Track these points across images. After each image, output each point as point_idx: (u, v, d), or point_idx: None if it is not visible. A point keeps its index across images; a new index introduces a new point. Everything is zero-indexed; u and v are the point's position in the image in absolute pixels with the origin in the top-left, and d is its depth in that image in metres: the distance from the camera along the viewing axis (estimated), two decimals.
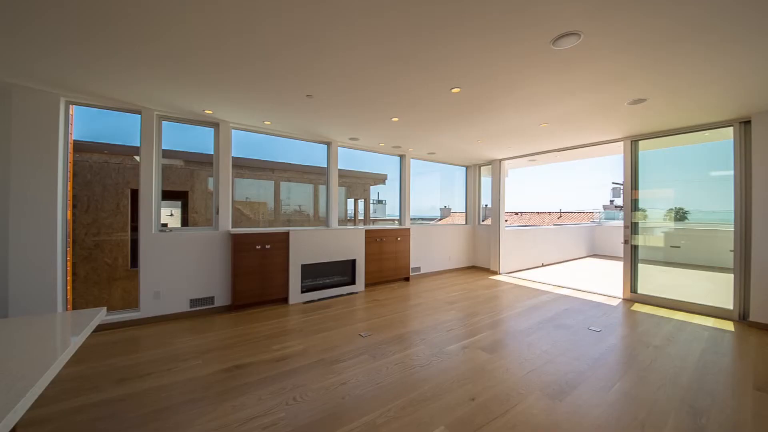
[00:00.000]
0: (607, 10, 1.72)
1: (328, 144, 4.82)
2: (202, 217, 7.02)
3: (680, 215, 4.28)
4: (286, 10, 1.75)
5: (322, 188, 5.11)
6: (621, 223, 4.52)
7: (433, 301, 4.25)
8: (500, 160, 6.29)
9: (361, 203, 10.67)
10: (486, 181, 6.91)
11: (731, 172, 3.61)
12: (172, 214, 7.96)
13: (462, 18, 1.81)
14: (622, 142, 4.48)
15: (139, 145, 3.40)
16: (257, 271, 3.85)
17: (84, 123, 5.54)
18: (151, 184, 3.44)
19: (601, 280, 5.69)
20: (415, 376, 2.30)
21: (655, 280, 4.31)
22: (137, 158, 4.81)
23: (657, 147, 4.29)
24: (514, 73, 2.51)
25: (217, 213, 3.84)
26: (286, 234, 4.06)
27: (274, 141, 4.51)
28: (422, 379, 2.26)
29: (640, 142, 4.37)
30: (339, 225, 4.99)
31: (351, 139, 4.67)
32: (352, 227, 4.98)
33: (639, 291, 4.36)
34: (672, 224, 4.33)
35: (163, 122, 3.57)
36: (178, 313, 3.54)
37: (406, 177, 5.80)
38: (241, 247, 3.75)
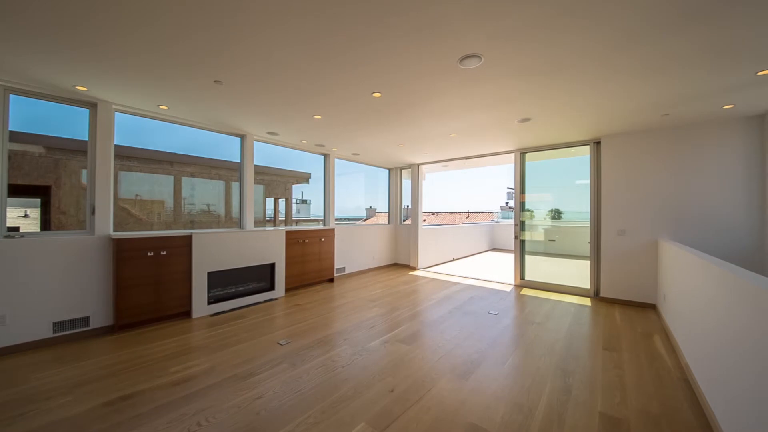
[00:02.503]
0: (500, 39, 2.00)
1: (242, 137, 4.42)
2: (72, 219, 5.66)
3: (556, 215, 5.26)
4: None
5: (235, 185, 4.63)
6: (513, 221, 5.37)
7: (357, 300, 4.29)
8: (418, 165, 6.72)
9: (282, 203, 10.11)
10: (407, 184, 7.31)
11: (588, 181, 4.60)
12: (27, 215, 6.22)
13: (377, 27, 1.87)
14: (513, 154, 5.28)
15: None
16: (150, 282, 3.29)
17: None
18: None
19: (499, 270, 6.59)
20: (336, 378, 2.29)
21: (538, 268, 5.19)
22: None
23: (539, 159, 5.19)
24: (428, 86, 2.71)
25: (93, 213, 3.15)
26: (188, 237, 3.57)
27: (174, 129, 3.92)
28: (344, 380, 2.26)
29: (527, 154, 5.21)
30: (256, 226, 4.63)
31: (269, 133, 4.38)
32: (272, 228, 4.68)
33: (526, 278, 5.19)
34: (550, 222, 5.29)
35: (12, 96, 2.77)
36: (35, 341, 2.78)
37: (330, 176, 5.71)
38: (126, 254, 3.15)
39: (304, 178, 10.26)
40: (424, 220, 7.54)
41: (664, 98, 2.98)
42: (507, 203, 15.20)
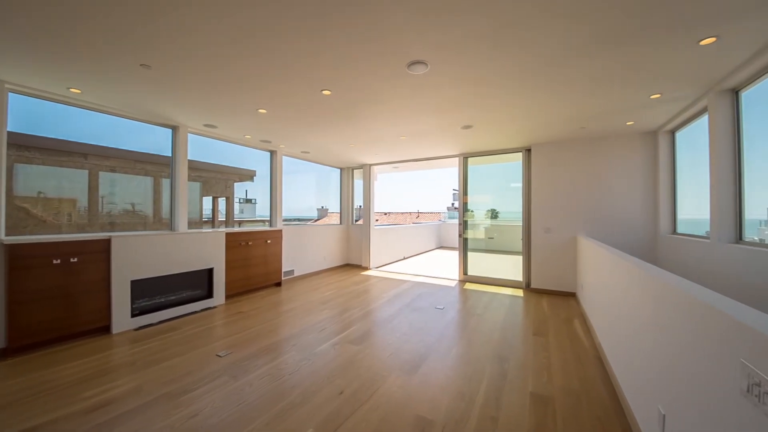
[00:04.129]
0: (444, 50, 2.10)
1: (174, 128, 4.00)
2: None
3: (494, 215, 5.71)
4: None
5: (166, 182, 4.16)
6: (458, 221, 5.73)
7: (307, 304, 4.17)
8: (370, 165, 6.76)
9: (222, 202, 9.36)
10: (359, 184, 7.30)
11: (521, 184, 5.07)
12: None
13: (325, 20, 1.84)
14: (457, 158, 5.60)
15: None
16: (56, 295, 2.81)
17: None
18: None
19: (445, 267, 6.93)
20: (283, 385, 2.20)
21: (479, 264, 5.59)
22: None
23: (480, 163, 5.59)
24: (379, 87, 2.74)
25: None
26: (107, 241, 3.13)
27: (88, 116, 3.40)
28: (291, 386, 2.18)
29: (469, 159, 5.57)
30: (191, 228, 4.23)
31: (207, 126, 4.03)
32: (210, 230, 4.32)
33: (469, 273, 5.56)
34: (489, 221, 5.72)
35: None
36: None
37: (277, 175, 5.45)
38: (23, 262, 2.65)
39: (248, 175, 9.63)
40: (377, 220, 7.62)
41: (579, 114, 3.42)
42: (453, 204, 16.07)
